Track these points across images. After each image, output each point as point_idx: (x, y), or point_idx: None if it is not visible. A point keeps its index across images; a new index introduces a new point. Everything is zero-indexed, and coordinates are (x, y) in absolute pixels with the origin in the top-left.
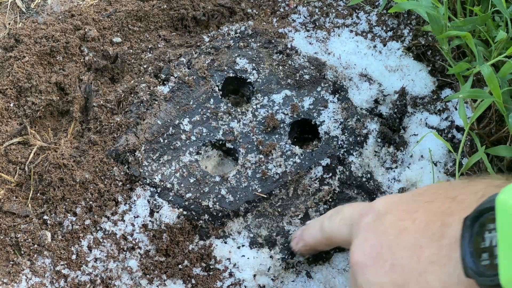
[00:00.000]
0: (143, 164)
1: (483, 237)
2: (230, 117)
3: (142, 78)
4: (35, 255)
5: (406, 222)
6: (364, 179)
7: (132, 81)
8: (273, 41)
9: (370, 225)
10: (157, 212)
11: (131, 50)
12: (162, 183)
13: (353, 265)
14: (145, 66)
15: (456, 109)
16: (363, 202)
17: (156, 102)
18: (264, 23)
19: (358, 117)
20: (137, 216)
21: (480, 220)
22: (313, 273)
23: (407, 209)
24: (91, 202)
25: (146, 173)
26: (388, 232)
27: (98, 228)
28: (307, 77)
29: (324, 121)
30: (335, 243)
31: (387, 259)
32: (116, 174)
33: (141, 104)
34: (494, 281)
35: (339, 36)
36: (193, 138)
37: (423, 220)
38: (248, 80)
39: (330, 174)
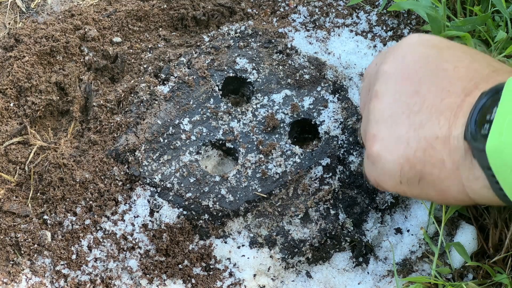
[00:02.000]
0: (143, 164)
1: (492, 111)
2: (230, 117)
3: (142, 78)
4: (35, 255)
5: (449, 65)
6: (364, 179)
7: (132, 81)
8: (273, 41)
9: (409, 47)
10: (157, 212)
11: (131, 50)
12: (162, 183)
13: (379, 72)
14: (145, 66)
15: None
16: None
17: (156, 102)
18: (264, 23)
19: (358, 116)
20: (137, 216)
21: (495, 96)
22: (313, 273)
23: (453, 53)
24: (91, 202)
25: (146, 173)
26: (429, 63)
27: (98, 228)
28: (307, 77)
29: (324, 120)
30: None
31: (416, 85)
32: (116, 174)
33: (141, 104)
34: (482, 146)
35: (339, 36)
36: (193, 138)
37: (463, 72)
38: (248, 80)
39: (330, 174)
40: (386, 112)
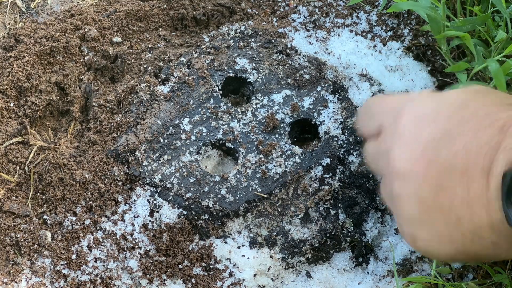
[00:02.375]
0: (143, 164)
1: None
2: (230, 117)
3: (142, 78)
4: (35, 255)
5: (457, 146)
6: (364, 179)
7: (132, 81)
8: (273, 41)
9: (413, 134)
10: (157, 212)
11: (131, 50)
12: (162, 183)
13: (393, 172)
14: (145, 66)
15: None
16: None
17: (156, 102)
18: (264, 23)
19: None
20: (137, 216)
21: None
22: (313, 273)
23: (457, 127)
24: (91, 202)
25: (146, 173)
26: (438, 151)
27: (98, 228)
28: (307, 77)
29: (324, 121)
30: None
31: (436, 181)
32: (116, 174)
33: (141, 104)
34: None
35: (339, 36)
36: (193, 138)
37: (473, 148)
38: (248, 80)
39: (330, 174)
40: (415, 215)
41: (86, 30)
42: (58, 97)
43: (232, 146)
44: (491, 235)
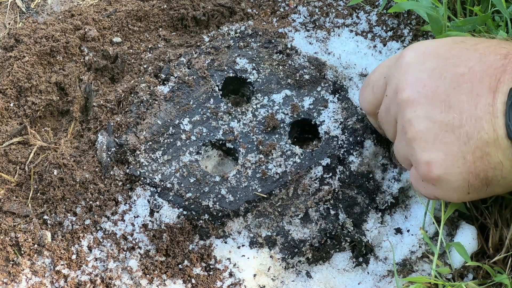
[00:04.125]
0: (143, 164)
1: None
2: (230, 117)
3: (142, 78)
4: (35, 255)
5: (462, 68)
6: (364, 179)
7: (132, 81)
8: (273, 41)
9: (417, 65)
10: (157, 212)
11: (131, 50)
12: (162, 183)
13: (402, 101)
14: (145, 66)
15: None
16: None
17: (156, 102)
18: (264, 23)
19: (358, 117)
20: (137, 216)
21: None
22: (313, 273)
23: (459, 55)
24: (91, 202)
25: (146, 173)
26: (443, 75)
27: (98, 228)
28: (307, 77)
29: (324, 121)
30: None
31: (444, 100)
32: (116, 174)
33: (141, 104)
34: None
35: (339, 36)
36: (193, 138)
37: (479, 70)
38: (248, 80)
39: (330, 174)
40: (429, 136)
41: (86, 30)
42: (58, 97)
43: (232, 146)
44: (497, 152)
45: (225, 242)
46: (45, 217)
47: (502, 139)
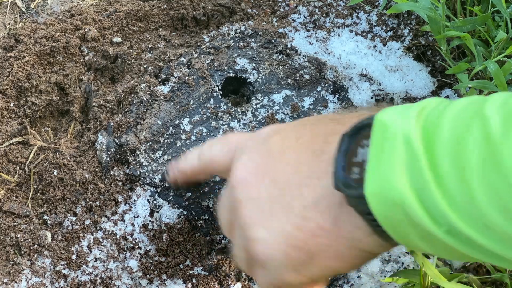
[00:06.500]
0: (143, 164)
1: (357, 152)
2: (230, 117)
3: (142, 78)
4: (35, 255)
5: (291, 141)
6: None
7: (132, 81)
8: (273, 41)
9: (254, 147)
10: (157, 212)
11: (131, 50)
12: (162, 183)
13: (234, 184)
14: (145, 66)
15: None
16: (249, 132)
17: (156, 102)
18: (264, 23)
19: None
20: (137, 216)
21: (357, 136)
22: None
23: (294, 130)
24: (91, 202)
25: (146, 173)
26: (272, 150)
27: (98, 228)
28: (307, 77)
29: None
30: (214, 170)
31: (269, 175)
32: (116, 174)
33: (141, 104)
34: (359, 192)
35: (339, 36)
36: (193, 138)
37: (307, 139)
38: (248, 80)
39: None
40: (254, 213)
41: (86, 30)
42: (58, 97)
43: None
44: (315, 215)
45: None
46: (45, 217)
47: (325, 197)
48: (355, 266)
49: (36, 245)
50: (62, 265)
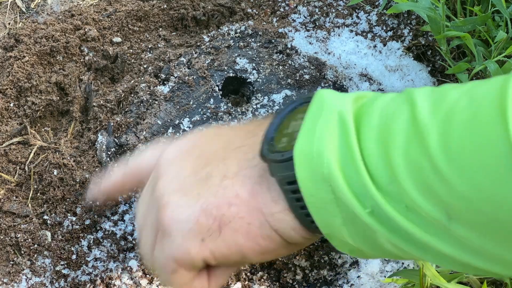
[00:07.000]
0: None
1: (289, 125)
2: (230, 117)
3: (142, 78)
4: (35, 255)
5: (226, 129)
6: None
7: (132, 81)
8: (273, 41)
9: (188, 135)
10: None
11: (131, 50)
12: None
13: (159, 163)
14: (145, 66)
15: None
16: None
17: (156, 102)
18: (264, 23)
19: None
20: None
21: (292, 112)
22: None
23: (230, 127)
24: (91, 202)
25: None
26: (206, 134)
27: (98, 228)
28: (307, 77)
29: None
30: (144, 174)
31: (196, 152)
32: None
33: (141, 104)
34: (285, 155)
35: (339, 36)
36: None
37: (240, 128)
38: (248, 80)
39: None
40: (173, 184)
41: (86, 30)
42: (58, 97)
43: None
44: (234, 184)
45: None
46: (45, 217)
47: (247, 168)
48: (265, 252)
49: (36, 245)
50: (62, 265)
